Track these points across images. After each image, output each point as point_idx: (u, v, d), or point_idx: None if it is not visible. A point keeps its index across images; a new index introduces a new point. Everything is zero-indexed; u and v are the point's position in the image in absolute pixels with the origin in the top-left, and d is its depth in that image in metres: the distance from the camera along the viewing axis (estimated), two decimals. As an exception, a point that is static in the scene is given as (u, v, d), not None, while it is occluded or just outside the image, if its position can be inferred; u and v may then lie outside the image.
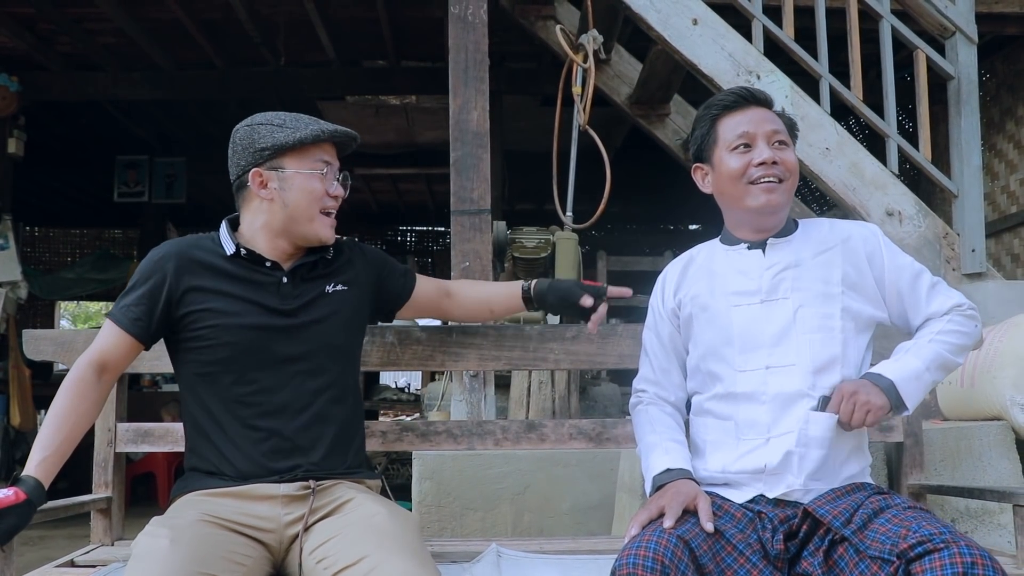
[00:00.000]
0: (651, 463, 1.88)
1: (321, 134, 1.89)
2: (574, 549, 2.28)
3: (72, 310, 19.90)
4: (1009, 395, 2.91)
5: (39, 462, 1.72)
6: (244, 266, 1.90)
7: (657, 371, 2.05)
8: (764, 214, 1.90)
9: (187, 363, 1.90)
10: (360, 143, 2.02)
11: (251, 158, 1.89)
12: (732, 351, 1.88)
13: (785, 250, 1.92)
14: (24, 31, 5.96)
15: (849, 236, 1.93)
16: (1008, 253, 5.98)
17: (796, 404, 1.81)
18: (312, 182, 1.89)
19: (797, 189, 2.07)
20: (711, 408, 1.92)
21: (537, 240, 4.02)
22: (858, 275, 1.89)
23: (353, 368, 2.03)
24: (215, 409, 1.86)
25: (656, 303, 2.08)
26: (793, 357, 1.83)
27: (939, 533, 1.54)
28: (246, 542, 1.75)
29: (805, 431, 1.79)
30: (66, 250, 11.80)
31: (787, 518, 1.76)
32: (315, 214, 1.90)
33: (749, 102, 1.94)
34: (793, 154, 1.92)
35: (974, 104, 3.94)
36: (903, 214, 3.81)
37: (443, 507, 3.05)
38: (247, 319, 1.85)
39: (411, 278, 2.17)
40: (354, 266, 2.03)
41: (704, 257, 2.04)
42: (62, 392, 1.80)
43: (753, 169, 1.88)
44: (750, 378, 1.85)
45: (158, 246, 1.94)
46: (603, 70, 4.91)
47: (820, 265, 1.90)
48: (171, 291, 1.86)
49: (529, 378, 3.80)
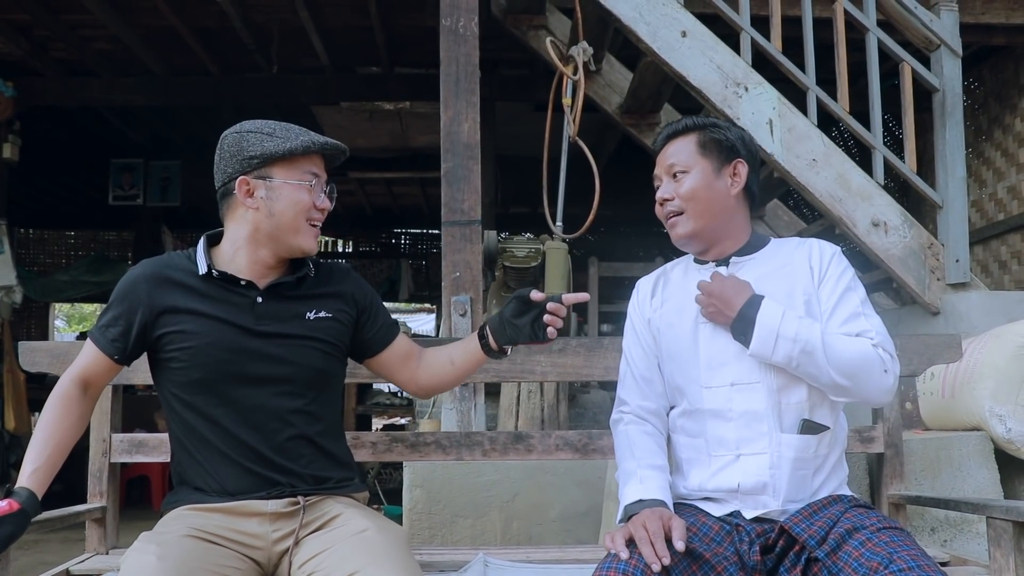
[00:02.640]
0: (625, 493, 1.86)
1: (311, 146, 1.87)
2: (560, 558, 2.33)
3: (67, 311, 19.89)
4: (988, 406, 2.97)
5: (31, 473, 1.77)
6: (218, 285, 1.89)
7: (639, 380, 2.02)
8: (682, 246, 1.99)
9: (166, 382, 1.90)
10: (350, 151, 1.99)
11: (239, 166, 1.87)
12: (698, 368, 1.91)
13: (748, 267, 1.95)
14: (19, 37, 5.98)
15: (810, 253, 1.94)
16: (996, 260, 6.04)
17: (763, 422, 1.83)
18: (300, 193, 1.87)
19: (788, 195, 2.11)
20: (682, 425, 1.95)
21: (527, 249, 4.06)
22: (812, 290, 1.90)
23: (335, 392, 2.02)
24: (196, 427, 1.87)
25: (632, 313, 2.10)
26: (758, 375, 1.85)
27: (908, 569, 1.58)
28: (235, 556, 1.78)
29: (778, 453, 1.82)
30: (61, 252, 11.79)
31: (764, 532, 1.80)
32: (301, 225, 1.88)
33: (668, 139, 2.01)
34: (694, 177, 1.93)
35: (958, 116, 4.01)
36: (888, 225, 3.87)
37: (433, 515, 3.09)
38: (220, 339, 1.85)
39: (392, 332, 2.10)
40: (343, 297, 2.01)
41: (677, 273, 2.07)
42: (49, 406, 1.85)
43: (660, 209, 1.99)
44: (716, 395, 1.88)
45: (134, 267, 1.95)
46: (594, 79, 4.96)
47: (783, 280, 1.91)
48: (145, 313, 1.86)
49: (519, 387, 3.84)
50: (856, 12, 3.95)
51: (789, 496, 1.82)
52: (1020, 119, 5.80)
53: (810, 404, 1.85)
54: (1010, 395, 2.95)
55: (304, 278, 1.97)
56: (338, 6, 5.69)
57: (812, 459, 1.85)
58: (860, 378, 1.79)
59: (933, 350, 2.40)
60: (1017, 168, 5.81)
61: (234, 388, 1.85)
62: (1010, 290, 5.49)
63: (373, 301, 2.09)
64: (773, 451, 1.82)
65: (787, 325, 1.79)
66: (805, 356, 1.78)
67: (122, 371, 2.00)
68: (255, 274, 1.91)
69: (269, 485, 1.85)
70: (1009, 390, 2.96)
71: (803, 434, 1.83)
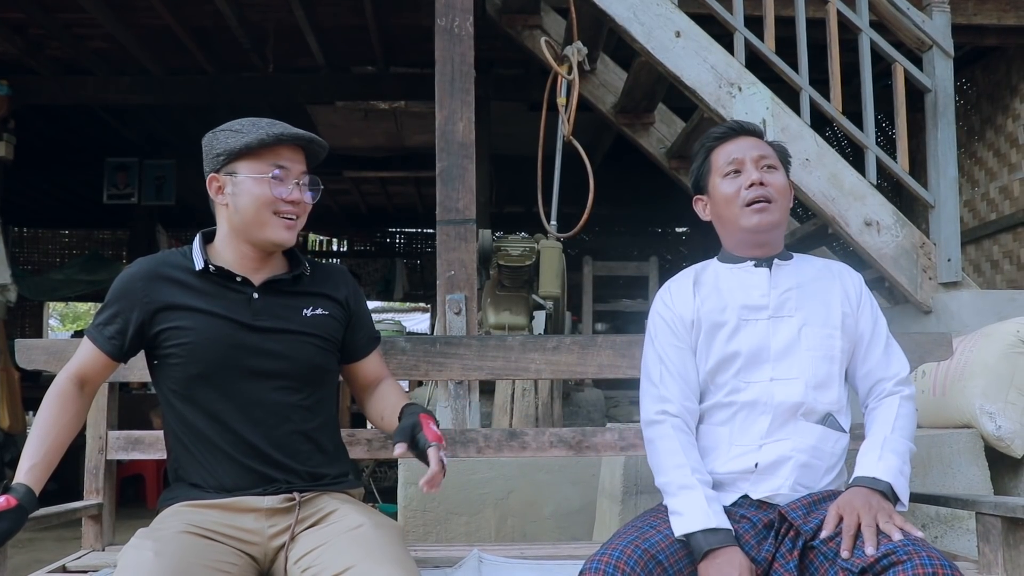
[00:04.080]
0: (689, 510, 1.81)
1: (267, 138, 1.86)
2: (554, 555, 2.33)
3: (60, 310, 19.85)
4: (978, 404, 2.99)
5: (28, 470, 1.78)
6: (214, 281, 1.90)
7: (678, 378, 1.97)
8: (759, 232, 1.99)
9: (164, 379, 1.91)
10: (345, 150, 2.00)
11: (209, 165, 1.91)
12: (739, 363, 1.95)
13: (788, 271, 2.02)
14: (15, 36, 5.98)
15: (842, 275, 2.06)
16: (987, 259, 6.08)
17: (795, 415, 1.91)
18: (260, 186, 1.86)
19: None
20: (712, 414, 1.97)
21: (522, 248, 4.07)
22: (847, 311, 2.00)
23: (330, 387, 2.03)
24: (194, 423, 1.88)
25: (665, 312, 2.05)
26: (796, 371, 1.92)
27: (902, 545, 1.63)
28: (231, 552, 1.79)
29: (801, 439, 1.89)
30: (55, 251, 11.78)
31: (769, 522, 1.84)
32: (266, 218, 1.87)
33: (739, 133, 2.06)
34: (783, 176, 2.03)
35: (950, 117, 4.03)
36: (881, 224, 3.89)
37: (428, 512, 3.10)
38: (217, 335, 1.86)
39: (369, 346, 2.11)
40: (338, 298, 2.02)
41: (709, 275, 2.07)
42: (46, 404, 1.86)
43: (744, 192, 1.98)
44: (754, 389, 1.93)
45: (129, 265, 1.96)
46: (588, 79, 4.98)
47: (820, 291, 2.00)
48: (143, 310, 1.88)
49: (513, 385, 3.85)
50: (849, 13, 3.97)
51: (799, 480, 1.87)
52: (1012, 119, 5.83)
53: (838, 406, 1.95)
54: (1000, 393, 2.98)
55: (300, 276, 1.98)
56: (334, 5, 5.70)
57: (828, 454, 1.92)
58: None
59: (924, 348, 2.42)
60: (1009, 168, 5.84)
61: (232, 383, 1.86)
62: (1003, 289, 5.52)
63: (364, 312, 2.12)
64: (796, 437, 1.89)
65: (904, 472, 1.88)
66: (909, 461, 1.92)
67: (118, 368, 2.01)
68: (248, 270, 1.93)
69: (265, 481, 1.86)
70: (999, 388, 2.98)
71: (827, 427, 1.92)
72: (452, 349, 2.45)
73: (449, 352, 2.43)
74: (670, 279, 2.14)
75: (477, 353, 2.45)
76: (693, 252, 10.77)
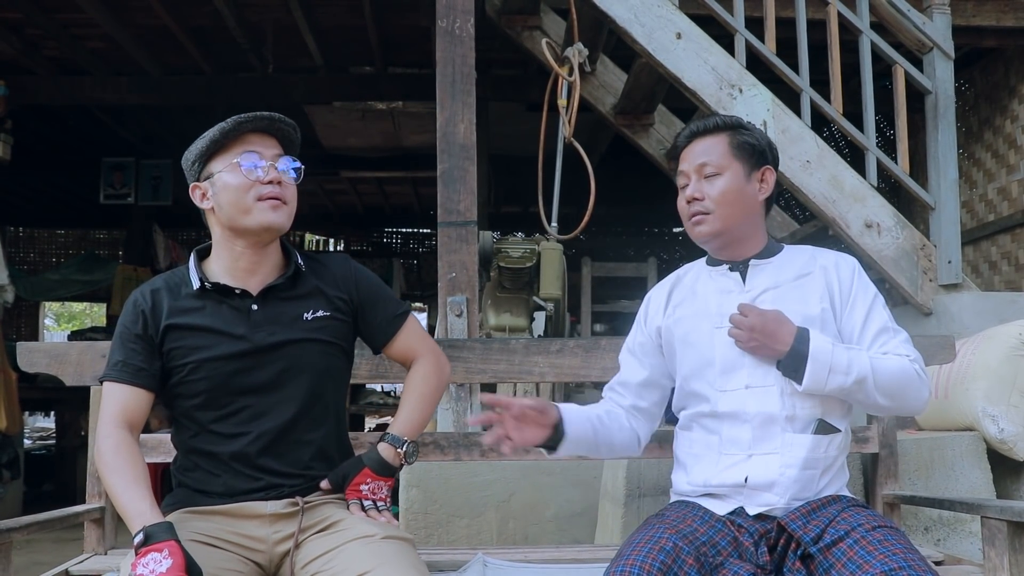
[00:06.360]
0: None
1: (227, 125, 1.85)
2: (558, 558, 2.33)
3: (56, 310, 19.81)
4: (981, 406, 2.99)
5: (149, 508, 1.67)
6: (213, 298, 1.90)
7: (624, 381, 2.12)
8: (702, 243, 1.99)
9: (175, 396, 1.91)
10: (344, 151, 1.97)
11: (190, 177, 1.93)
12: (713, 372, 1.93)
13: (765, 272, 1.98)
14: (11, 36, 5.96)
15: (827, 265, 1.97)
16: (986, 260, 6.08)
17: (777, 424, 1.86)
18: (234, 175, 1.85)
19: (780, 195, 2.15)
20: (699, 423, 1.96)
21: (522, 250, 4.07)
22: (831, 303, 1.94)
23: (337, 392, 2.01)
24: (204, 437, 1.87)
25: (641, 322, 2.13)
26: (772, 378, 1.88)
27: (898, 568, 1.61)
28: (236, 559, 1.78)
29: (790, 453, 1.85)
30: (51, 251, 11.73)
31: (767, 532, 1.82)
32: (250, 204, 1.85)
33: (689, 140, 2.01)
34: (724, 180, 1.94)
35: (951, 118, 4.03)
36: (881, 226, 3.89)
37: (430, 514, 3.09)
38: (219, 351, 1.85)
39: (391, 328, 2.05)
40: (340, 289, 1.99)
41: (690, 278, 2.08)
42: (112, 466, 1.76)
43: (686, 206, 1.98)
44: (731, 398, 1.90)
45: (129, 296, 1.93)
46: (588, 80, 4.97)
47: (799, 288, 1.94)
48: (153, 332, 1.87)
49: (515, 388, 3.85)
50: (849, 14, 3.97)
51: (794, 495, 1.84)
52: (1010, 121, 5.84)
53: (823, 408, 1.88)
54: (1003, 396, 2.98)
55: (296, 275, 1.95)
56: (332, 6, 5.69)
57: (821, 459, 1.87)
58: (903, 397, 1.87)
59: (928, 351, 2.42)
60: (1007, 169, 5.85)
61: (236, 399, 1.86)
62: (1000, 291, 5.53)
63: (377, 292, 2.05)
64: (785, 451, 1.85)
65: (838, 358, 1.81)
66: (856, 386, 1.82)
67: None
68: (244, 277, 1.91)
69: (268, 487, 1.86)
70: (1002, 391, 2.99)
71: (817, 434, 1.86)
72: (456, 352, 2.44)
73: (453, 355, 2.42)
74: (658, 283, 2.17)
75: (481, 356, 2.44)
76: (690, 252, 10.77)
